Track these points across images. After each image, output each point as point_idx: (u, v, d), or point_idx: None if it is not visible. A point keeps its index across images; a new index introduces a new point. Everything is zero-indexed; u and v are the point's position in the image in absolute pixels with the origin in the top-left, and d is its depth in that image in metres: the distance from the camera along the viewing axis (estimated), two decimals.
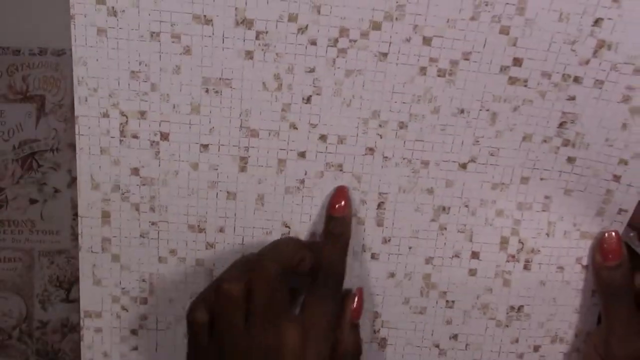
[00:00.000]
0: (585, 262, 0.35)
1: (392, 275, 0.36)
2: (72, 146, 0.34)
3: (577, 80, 0.31)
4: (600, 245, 0.34)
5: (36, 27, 0.37)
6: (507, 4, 0.30)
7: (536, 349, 0.37)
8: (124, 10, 0.30)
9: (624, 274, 0.33)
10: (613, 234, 0.34)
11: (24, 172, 0.37)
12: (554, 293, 0.36)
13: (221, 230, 0.35)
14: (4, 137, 0.37)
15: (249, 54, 0.31)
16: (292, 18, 0.31)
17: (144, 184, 0.34)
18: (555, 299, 0.36)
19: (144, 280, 0.35)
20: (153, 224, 0.34)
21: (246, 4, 0.30)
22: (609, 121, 0.32)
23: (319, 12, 0.30)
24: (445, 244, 0.35)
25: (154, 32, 0.31)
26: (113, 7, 0.30)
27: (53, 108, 0.36)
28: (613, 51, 0.30)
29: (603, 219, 0.34)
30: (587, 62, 0.31)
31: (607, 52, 0.30)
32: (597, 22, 0.30)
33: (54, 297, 0.40)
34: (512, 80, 0.32)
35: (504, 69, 0.31)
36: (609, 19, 0.30)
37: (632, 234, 0.35)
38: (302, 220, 0.35)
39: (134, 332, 0.36)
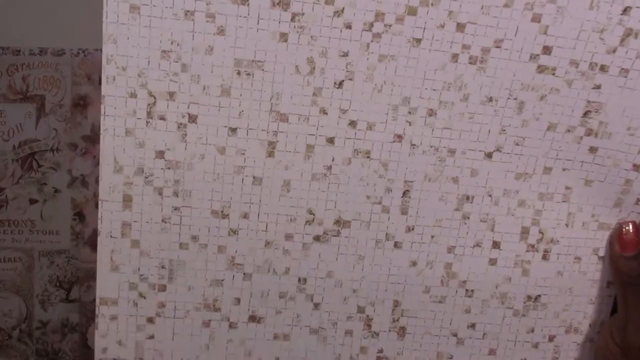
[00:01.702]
0: (601, 253, 0.36)
1: (414, 264, 0.36)
2: (72, 146, 0.33)
3: (603, 68, 0.32)
4: (618, 236, 0.35)
5: (36, 27, 0.36)
6: None
7: (551, 338, 0.37)
8: None
9: None
10: (631, 224, 0.35)
11: (24, 172, 0.36)
12: (571, 283, 0.36)
13: (245, 216, 0.34)
14: (4, 137, 0.36)
15: (284, 36, 0.31)
16: (329, 1, 0.31)
17: (168, 168, 0.33)
18: (571, 289, 0.37)
19: (163, 267, 0.35)
20: (176, 209, 0.34)
21: None
22: (632, 110, 0.32)
23: None
24: (467, 233, 0.36)
25: (188, 11, 0.30)
26: None
27: (53, 108, 0.36)
28: (639, 40, 0.31)
29: (621, 210, 0.35)
30: (614, 51, 0.31)
31: (633, 40, 0.31)
32: (626, 10, 0.31)
33: (54, 297, 0.39)
34: (541, 69, 0.32)
35: (533, 57, 0.32)
36: (637, 7, 0.30)
37: None
38: (327, 207, 0.34)
39: (150, 320, 0.35)
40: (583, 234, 0.36)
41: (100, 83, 0.34)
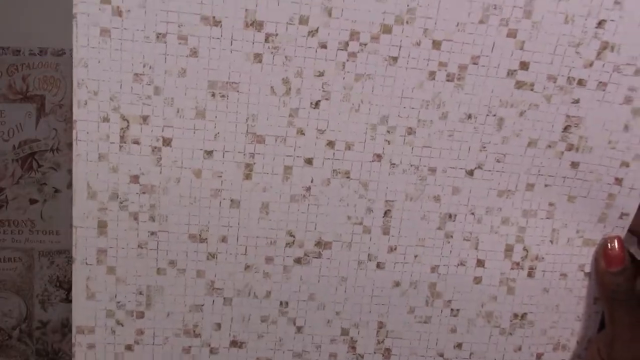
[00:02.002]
0: (587, 269, 0.36)
1: (398, 284, 0.35)
2: (72, 146, 0.32)
3: (581, 82, 0.32)
4: (603, 251, 0.34)
5: (36, 27, 0.36)
6: (515, 6, 0.30)
7: (539, 356, 0.37)
8: (129, 10, 0.29)
9: (628, 278, 0.34)
10: (616, 240, 0.34)
11: (24, 172, 0.36)
12: (557, 300, 0.36)
13: (224, 240, 0.33)
14: (4, 137, 0.36)
15: (258, 57, 0.31)
16: (303, 21, 0.30)
17: (143, 192, 0.32)
18: (558, 306, 0.36)
19: (140, 293, 0.34)
20: (152, 233, 0.33)
21: (257, 5, 0.30)
22: (611, 123, 0.32)
23: (330, 14, 0.30)
24: (451, 252, 0.35)
25: (160, 33, 0.30)
26: (118, 7, 0.29)
27: (53, 108, 0.35)
28: (616, 52, 0.31)
29: (605, 225, 0.35)
30: (591, 65, 0.31)
31: (610, 53, 0.31)
32: (601, 23, 0.30)
33: (54, 297, 0.38)
34: (519, 84, 0.32)
35: (511, 72, 0.32)
36: (612, 20, 0.30)
37: (632, 240, 0.35)
38: (308, 229, 0.34)
39: (129, 347, 0.35)
40: (568, 250, 0.35)
41: None
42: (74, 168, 0.32)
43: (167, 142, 0.32)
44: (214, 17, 0.30)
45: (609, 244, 0.34)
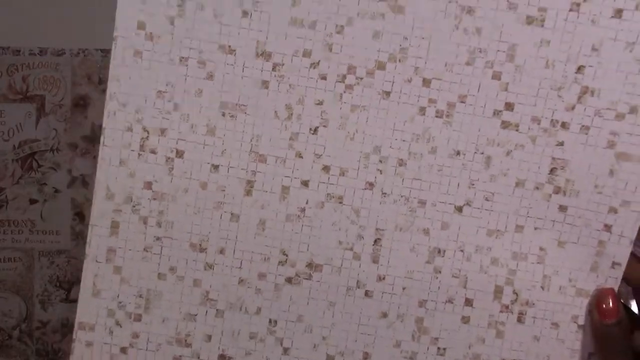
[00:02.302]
0: (581, 321, 0.35)
1: (385, 315, 0.36)
2: (72, 146, 0.35)
3: (564, 125, 0.33)
4: (597, 303, 0.34)
5: (36, 27, 0.38)
6: (499, 50, 0.33)
7: None
8: (159, 36, 0.34)
9: (623, 331, 0.33)
10: (609, 291, 0.34)
11: (24, 172, 0.38)
12: (548, 350, 0.35)
13: (221, 251, 0.36)
14: (4, 137, 0.38)
15: (265, 84, 0.35)
16: (307, 54, 0.34)
17: (154, 198, 0.36)
18: (549, 357, 0.35)
19: (140, 296, 0.36)
20: (158, 238, 0.36)
21: (267, 38, 0.34)
22: (596, 167, 0.33)
23: (330, 49, 0.34)
24: (439, 287, 0.36)
25: (182, 57, 0.34)
26: (151, 33, 0.34)
27: (53, 108, 0.38)
28: (596, 97, 0.32)
29: (598, 275, 0.35)
30: (573, 108, 0.33)
31: (590, 97, 0.32)
32: (580, 69, 0.32)
33: (54, 297, 0.40)
34: (505, 124, 0.34)
35: (497, 112, 0.34)
36: (590, 66, 0.32)
37: (627, 290, 0.34)
38: (300, 249, 0.36)
39: (124, 350, 0.36)
40: (560, 298, 0.35)
41: (100, 83, 0.37)
42: (97, 171, 0.36)
43: (180, 154, 0.35)
44: (229, 46, 0.34)
45: (602, 297, 0.34)
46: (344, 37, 0.34)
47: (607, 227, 0.34)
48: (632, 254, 0.34)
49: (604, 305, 0.34)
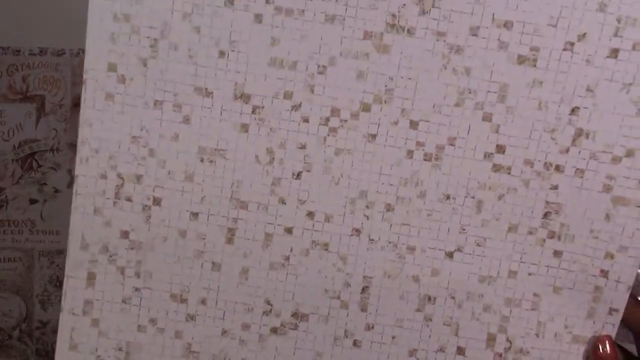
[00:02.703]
0: None
1: None
2: (72, 146, 0.34)
3: (558, 169, 0.32)
4: (594, 352, 0.33)
5: (36, 27, 0.37)
6: (489, 91, 0.31)
7: None
8: (132, 78, 0.33)
9: None
10: (606, 340, 0.33)
11: (24, 172, 0.37)
12: None
13: (203, 302, 0.34)
14: (4, 137, 0.37)
15: (245, 127, 0.33)
16: (288, 95, 0.33)
17: (132, 248, 0.34)
18: None
19: (120, 349, 0.35)
20: (137, 289, 0.34)
21: (245, 79, 0.32)
22: (592, 211, 0.32)
23: (312, 91, 0.32)
24: (430, 336, 0.34)
25: (157, 100, 0.33)
26: (123, 75, 0.33)
27: (53, 108, 0.37)
28: (591, 140, 0.31)
29: (595, 321, 0.33)
30: (567, 151, 0.31)
31: (585, 140, 0.31)
32: (574, 110, 0.31)
33: (54, 297, 0.39)
34: (496, 168, 0.32)
35: (487, 155, 0.32)
36: (585, 107, 0.31)
37: (624, 332, 0.33)
38: (285, 298, 0.34)
39: None
40: (556, 346, 0.34)
41: None
42: (71, 220, 0.34)
43: (157, 201, 0.34)
44: (206, 89, 0.33)
45: (599, 345, 0.33)
46: (326, 77, 0.32)
47: (604, 273, 0.32)
48: (632, 296, 0.33)
49: (602, 354, 0.32)
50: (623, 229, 0.32)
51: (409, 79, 0.32)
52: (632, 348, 0.35)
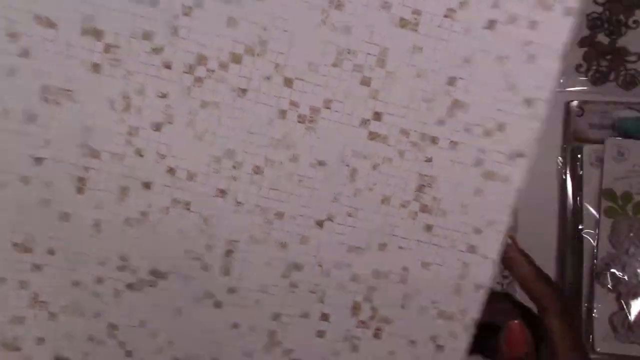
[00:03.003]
0: (440, 341, 0.33)
1: (236, 326, 0.33)
2: None
3: (433, 140, 0.29)
4: (505, 338, 0.34)
5: None
6: (369, 54, 0.28)
7: None
8: None
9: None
10: (517, 325, 0.34)
11: None
12: None
13: (50, 252, 0.31)
14: None
15: (96, 67, 0.29)
16: (147, 36, 0.28)
17: None
18: None
19: None
20: None
21: (96, 11, 0.28)
22: (464, 186, 0.30)
23: (176, 34, 0.28)
24: (295, 302, 0.33)
25: None
26: None
27: None
28: (465, 112, 0.29)
29: (460, 298, 0.32)
30: (443, 122, 0.29)
31: (460, 112, 0.29)
32: (451, 80, 0.28)
33: None
34: (373, 136, 0.30)
35: (364, 122, 0.30)
36: (461, 78, 0.28)
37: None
38: (142, 255, 0.32)
39: None
40: (420, 319, 0.33)
41: None
42: None
43: None
44: (47, 18, 0.28)
45: (512, 331, 0.34)
46: (192, 20, 0.28)
47: (472, 248, 0.31)
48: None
49: (513, 340, 0.34)
50: (491, 204, 0.30)
51: (285, 31, 0.28)
52: None
